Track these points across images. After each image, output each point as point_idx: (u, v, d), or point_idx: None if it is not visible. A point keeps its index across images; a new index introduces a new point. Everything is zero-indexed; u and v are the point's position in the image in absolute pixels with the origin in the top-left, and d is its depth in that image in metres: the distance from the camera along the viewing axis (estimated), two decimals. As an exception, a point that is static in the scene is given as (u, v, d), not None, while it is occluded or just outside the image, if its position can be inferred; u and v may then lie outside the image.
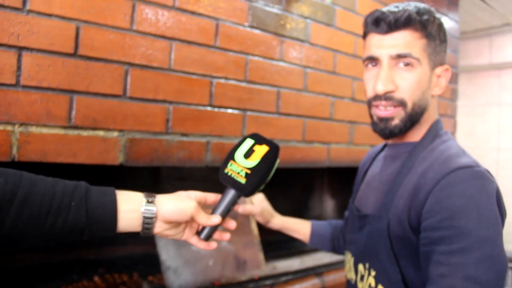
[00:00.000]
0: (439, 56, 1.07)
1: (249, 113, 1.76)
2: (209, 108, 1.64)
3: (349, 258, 1.22)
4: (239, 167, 0.94)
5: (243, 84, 1.75)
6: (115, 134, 1.41)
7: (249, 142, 0.98)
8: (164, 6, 1.51)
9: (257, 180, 0.93)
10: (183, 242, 1.39)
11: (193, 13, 1.59)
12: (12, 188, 0.74)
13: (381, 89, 1.04)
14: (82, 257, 1.84)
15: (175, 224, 0.93)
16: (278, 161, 0.97)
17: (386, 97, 1.05)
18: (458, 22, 3.04)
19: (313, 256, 2.25)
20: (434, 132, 1.10)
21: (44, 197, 0.77)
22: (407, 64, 1.03)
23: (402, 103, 1.04)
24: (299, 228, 1.49)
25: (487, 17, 3.65)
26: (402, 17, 1.02)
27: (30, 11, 1.24)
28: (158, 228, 0.90)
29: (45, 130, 1.27)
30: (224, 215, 0.95)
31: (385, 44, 1.05)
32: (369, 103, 1.11)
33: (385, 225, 1.04)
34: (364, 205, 1.20)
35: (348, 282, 1.23)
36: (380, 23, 1.05)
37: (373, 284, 1.07)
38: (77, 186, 0.82)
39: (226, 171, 0.95)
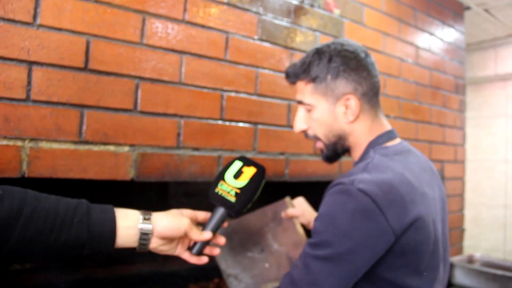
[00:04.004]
0: (337, 91, 1.17)
1: (260, 126, 1.74)
2: (220, 122, 1.61)
3: None
4: (229, 187, 1.02)
5: (254, 98, 1.73)
6: (126, 149, 1.38)
7: (238, 164, 1.07)
8: (174, 20, 1.50)
9: (246, 199, 1.01)
10: (239, 251, 1.61)
11: (203, 26, 1.58)
12: (19, 205, 0.79)
13: (295, 129, 1.26)
14: (91, 275, 1.81)
15: (169, 240, 0.99)
16: (264, 181, 1.05)
17: (305, 134, 1.26)
18: (463, 33, 3.04)
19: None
20: (367, 151, 1.19)
21: (49, 214, 0.82)
22: (306, 108, 1.21)
23: (317, 138, 1.23)
24: None
25: (491, 29, 3.65)
26: (289, 73, 1.24)
27: (40, 25, 1.22)
28: (154, 243, 0.96)
29: (55, 146, 1.25)
30: (215, 231, 1.02)
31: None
32: None
33: None
34: None
35: None
36: (287, 77, 1.26)
37: None
38: (79, 203, 0.88)
39: (216, 190, 1.03)
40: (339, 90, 1.16)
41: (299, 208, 1.54)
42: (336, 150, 1.23)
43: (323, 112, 1.19)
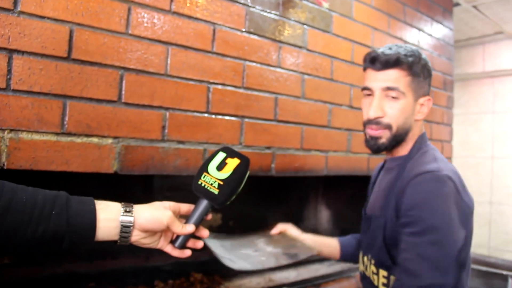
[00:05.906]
0: (422, 90, 1.33)
1: (246, 120, 1.72)
2: (206, 115, 1.59)
3: (361, 255, 1.47)
4: (212, 178, 1.01)
5: (241, 91, 1.71)
6: (110, 141, 1.36)
7: (221, 155, 1.05)
8: (160, 10, 1.47)
9: (229, 191, 1.00)
10: (232, 249, 1.59)
11: (189, 17, 1.55)
12: None
13: (372, 115, 1.32)
14: (72, 270, 1.78)
15: (151, 233, 0.97)
16: (248, 173, 1.04)
17: (376, 121, 1.32)
18: (452, 29, 3.04)
19: (309, 268, 2.20)
20: (418, 146, 1.35)
21: (26, 206, 0.79)
22: (394, 96, 1.30)
23: (388, 127, 1.32)
24: (329, 243, 1.66)
25: (479, 26, 3.67)
26: (392, 59, 1.29)
27: (21, 12, 1.19)
28: (135, 236, 0.94)
29: (36, 137, 1.22)
30: (198, 224, 1.01)
31: (378, 79, 1.31)
32: (364, 124, 1.38)
33: (382, 222, 1.29)
34: (372, 209, 1.44)
35: (361, 274, 1.49)
36: (375, 61, 1.32)
37: (374, 270, 1.34)
38: (58, 195, 0.85)
39: (199, 182, 1.01)
40: (423, 90, 1.34)
41: (286, 226, 1.66)
42: (396, 142, 1.34)
43: (408, 104, 1.32)
